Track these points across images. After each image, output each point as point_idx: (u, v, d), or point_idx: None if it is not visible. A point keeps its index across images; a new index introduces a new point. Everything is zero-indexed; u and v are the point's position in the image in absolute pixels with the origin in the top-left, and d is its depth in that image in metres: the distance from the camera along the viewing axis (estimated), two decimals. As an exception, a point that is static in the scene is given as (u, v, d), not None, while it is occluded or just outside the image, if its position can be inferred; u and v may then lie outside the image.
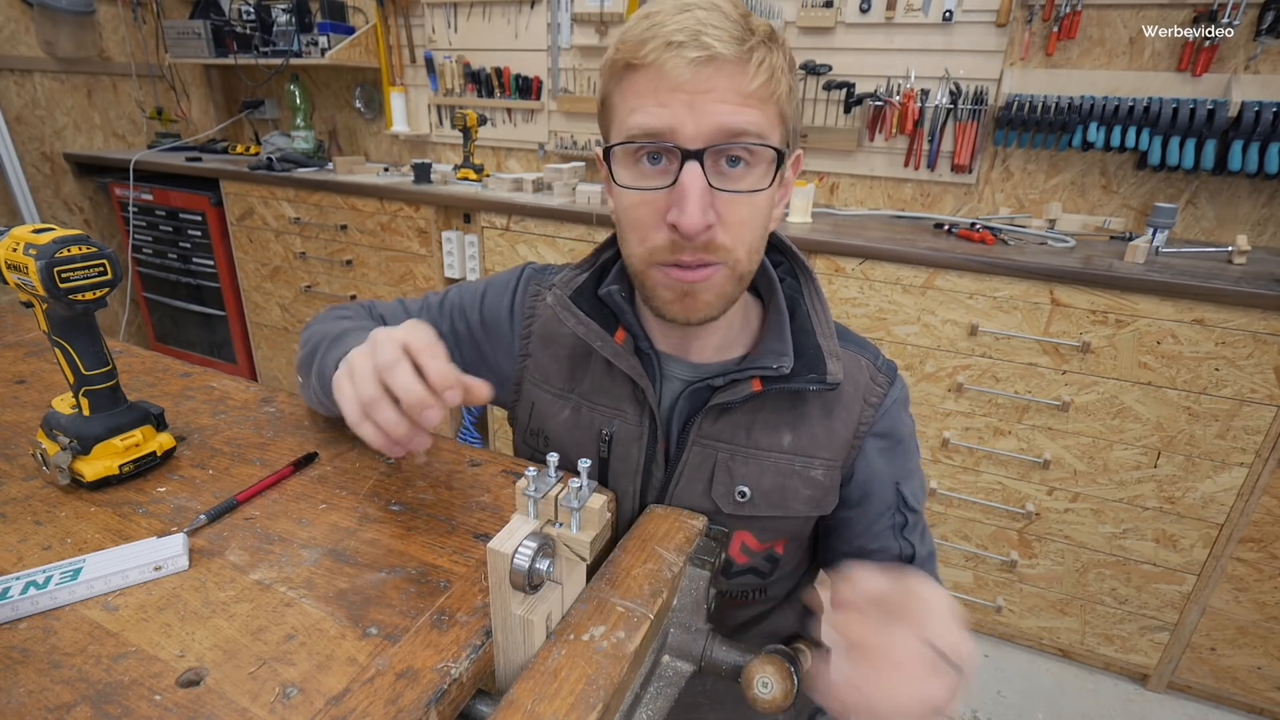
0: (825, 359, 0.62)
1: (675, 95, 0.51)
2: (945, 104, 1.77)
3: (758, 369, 0.61)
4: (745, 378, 0.62)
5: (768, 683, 0.49)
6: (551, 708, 0.39)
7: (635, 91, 0.53)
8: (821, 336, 0.64)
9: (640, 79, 0.53)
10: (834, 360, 0.63)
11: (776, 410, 0.65)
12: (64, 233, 0.55)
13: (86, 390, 0.60)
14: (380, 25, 2.39)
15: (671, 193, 0.53)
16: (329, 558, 0.53)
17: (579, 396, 0.69)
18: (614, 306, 0.65)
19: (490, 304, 0.75)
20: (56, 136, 2.50)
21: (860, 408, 0.66)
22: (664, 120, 0.52)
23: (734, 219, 0.55)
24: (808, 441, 0.65)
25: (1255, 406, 1.26)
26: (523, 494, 0.42)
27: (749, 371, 0.62)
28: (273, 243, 2.30)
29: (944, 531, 1.62)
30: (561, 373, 0.70)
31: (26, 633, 0.45)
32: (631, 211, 0.57)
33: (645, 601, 0.47)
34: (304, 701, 0.40)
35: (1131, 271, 1.28)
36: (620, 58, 0.53)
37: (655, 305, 0.60)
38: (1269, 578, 1.37)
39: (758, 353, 0.64)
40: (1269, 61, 1.51)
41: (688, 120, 0.51)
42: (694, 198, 0.52)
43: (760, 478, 0.65)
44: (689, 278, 0.56)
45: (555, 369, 0.71)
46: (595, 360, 0.68)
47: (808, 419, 0.65)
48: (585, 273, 0.67)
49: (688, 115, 0.51)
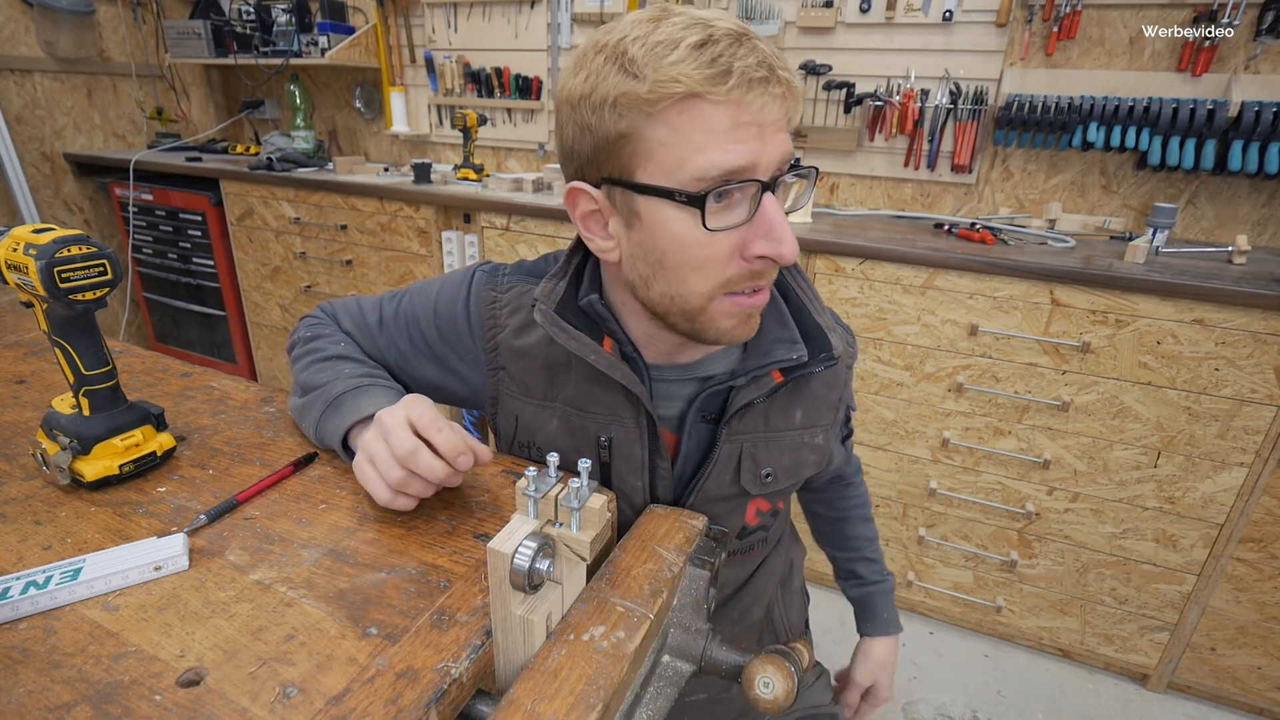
0: (827, 335, 0.64)
1: (749, 129, 0.49)
2: (945, 104, 1.77)
3: (776, 362, 0.63)
4: (765, 373, 0.63)
5: (769, 682, 0.49)
6: (551, 708, 0.39)
7: (705, 128, 0.49)
8: (817, 314, 0.66)
9: (714, 114, 0.49)
10: (834, 334, 0.65)
11: (789, 392, 0.68)
12: (64, 233, 0.55)
13: (86, 390, 0.60)
14: (380, 25, 2.39)
15: (749, 227, 0.53)
16: (329, 558, 0.53)
17: (565, 404, 0.68)
18: (597, 316, 0.64)
19: (444, 316, 0.72)
20: (56, 136, 2.50)
21: (844, 372, 0.72)
22: (745, 157, 0.50)
23: None
24: (813, 413, 0.70)
25: (1255, 406, 1.26)
26: (523, 494, 0.42)
27: (768, 365, 0.63)
28: (273, 243, 2.30)
29: (944, 531, 1.62)
30: (540, 383, 0.68)
31: (27, 633, 0.45)
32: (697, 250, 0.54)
33: (645, 601, 0.47)
34: (304, 701, 0.40)
35: (1131, 271, 1.28)
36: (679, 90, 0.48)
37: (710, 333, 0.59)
38: (1269, 578, 1.37)
39: (766, 344, 0.64)
40: (1269, 61, 1.51)
41: (762, 154, 0.50)
42: (787, 227, 0.52)
43: (780, 458, 0.69)
44: (754, 302, 0.57)
45: (533, 380, 0.69)
46: (576, 367, 0.66)
47: (812, 392, 0.69)
48: (562, 281, 0.65)
49: (762, 149, 0.50)
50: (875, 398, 1.58)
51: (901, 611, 1.78)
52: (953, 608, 1.69)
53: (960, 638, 1.70)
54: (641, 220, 0.55)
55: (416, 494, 0.57)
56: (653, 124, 0.50)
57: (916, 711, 1.51)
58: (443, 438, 0.55)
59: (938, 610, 1.73)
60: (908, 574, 1.70)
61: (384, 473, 0.56)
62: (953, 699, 1.54)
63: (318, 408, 0.66)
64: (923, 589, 1.70)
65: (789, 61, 0.53)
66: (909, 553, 1.69)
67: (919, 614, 1.77)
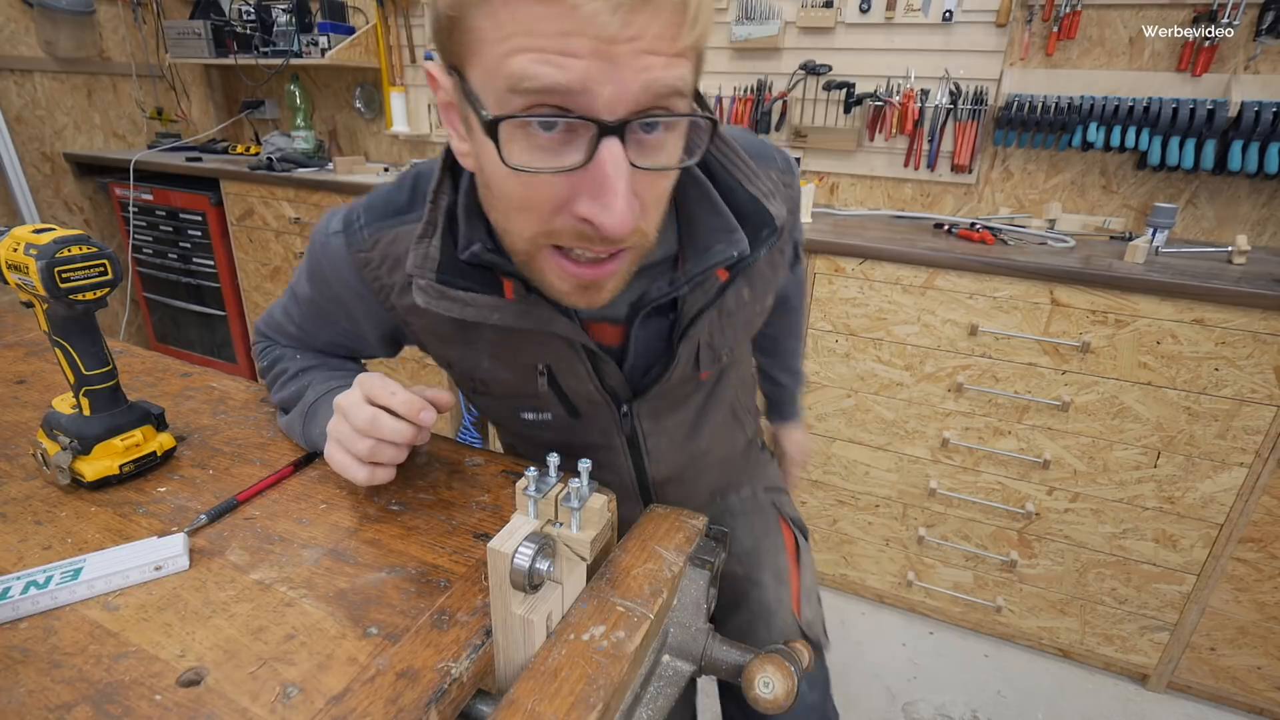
0: (765, 204, 0.57)
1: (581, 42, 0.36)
2: (945, 104, 1.77)
3: (718, 263, 0.56)
4: (708, 276, 0.58)
5: (769, 682, 0.49)
6: (551, 707, 0.39)
7: (524, 24, 0.36)
8: (749, 182, 0.57)
9: (537, 12, 0.36)
10: (771, 200, 0.57)
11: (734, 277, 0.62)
12: (64, 233, 0.55)
13: (87, 390, 0.60)
14: (380, 25, 2.39)
15: (581, 176, 0.41)
16: (329, 557, 0.53)
17: (490, 345, 0.62)
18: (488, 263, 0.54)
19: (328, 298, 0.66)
20: (56, 136, 2.50)
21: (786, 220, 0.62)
22: (572, 78, 0.37)
23: (651, 196, 0.45)
24: (760, 285, 0.66)
25: (1255, 406, 1.26)
26: (523, 494, 0.42)
27: (710, 267, 0.56)
28: (273, 243, 2.30)
29: (944, 531, 1.62)
30: (457, 332, 0.62)
31: (27, 632, 0.45)
32: (518, 189, 0.43)
33: (645, 601, 0.47)
34: (304, 701, 0.40)
35: (1131, 271, 1.28)
36: None
37: (546, 289, 0.50)
38: (1269, 578, 1.37)
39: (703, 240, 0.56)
40: (1269, 61, 1.51)
41: (606, 81, 0.37)
42: (620, 191, 0.40)
43: (735, 334, 0.67)
44: (594, 274, 0.47)
45: (448, 330, 0.62)
46: None
47: (757, 267, 0.64)
48: (433, 239, 0.54)
49: (607, 73, 0.37)
50: (875, 398, 1.58)
51: (901, 611, 1.78)
52: (953, 608, 1.69)
53: (960, 638, 1.70)
54: (472, 129, 0.44)
55: (390, 460, 0.56)
56: (477, 9, 0.38)
57: (916, 711, 1.51)
58: (398, 400, 0.54)
59: (938, 610, 1.73)
60: (908, 574, 1.70)
61: (351, 447, 0.55)
62: (953, 699, 1.54)
63: (299, 420, 0.67)
64: (923, 589, 1.70)
65: None
66: (909, 552, 1.69)
67: (919, 614, 1.77)
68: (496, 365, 0.63)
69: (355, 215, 0.61)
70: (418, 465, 0.68)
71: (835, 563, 1.79)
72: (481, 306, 0.55)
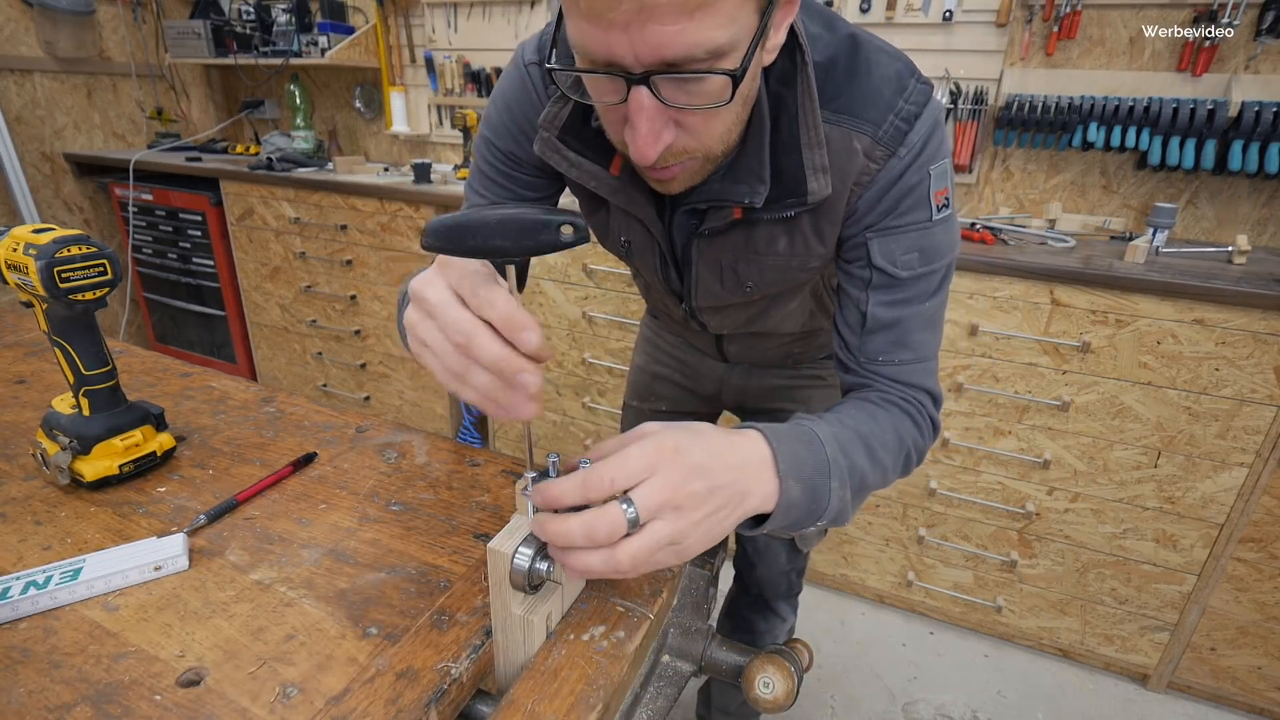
0: (807, 177, 0.57)
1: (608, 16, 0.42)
2: (945, 104, 1.77)
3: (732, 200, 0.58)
4: (724, 205, 0.60)
5: (769, 683, 0.49)
6: (551, 708, 0.39)
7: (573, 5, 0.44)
8: (807, 147, 0.57)
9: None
10: (817, 176, 0.57)
11: (769, 225, 0.64)
12: (64, 233, 0.55)
13: (86, 390, 0.60)
14: (380, 25, 2.39)
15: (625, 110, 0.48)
16: (329, 558, 0.53)
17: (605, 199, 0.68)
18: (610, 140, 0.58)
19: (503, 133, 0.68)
20: (56, 136, 2.50)
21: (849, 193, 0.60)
22: (601, 48, 0.44)
23: (698, 124, 0.50)
24: (801, 247, 0.65)
25: (1255, 406, 1.26)
26: (522, 494, 0.42)
27: (727, 202, 0.59)
28: (273, 243, 2.30)
29: (944, 531, 1.62)
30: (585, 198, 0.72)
31: (27, 633, 0.45)
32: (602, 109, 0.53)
33: (645, 601, 0.47)
34: (304, 701, 0.40)
35: (1131, 271, 1.28)
36: None
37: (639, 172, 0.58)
38: (1269, 578, 1.37)
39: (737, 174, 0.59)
40: (1269, 61, 1.51)
41: (626, 51, 0.44)
42: (644, 128, 0.47)
43: (762, 275, 0.69)
44: (657, 175, 0.55)
45: None
46: None
47: (800, 228, 0.64)
48: (567, 103, 0.60)
49: (624, 44, 0.43)
50: (875, 398, 1.57)
51: (902, 611, 1.78)
52: (953, 608, 1.69)
53: (960, 638, 1.70)
54: None
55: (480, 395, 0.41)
56: None
57: (916, 711, 1.51)
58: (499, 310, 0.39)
59: (938, 610, 1.73)
60: (908, 574, 1.70)
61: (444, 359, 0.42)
62: (953, 699, 1.54)
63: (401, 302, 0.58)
64: (923, 589, 1.70)
65: None
66: (909, 553, 1.68)
67: (919, 614, 1.77)
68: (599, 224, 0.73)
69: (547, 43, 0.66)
70: (418, 465, 0.68)
71: (835, 563, 1.79)
72: (584, 170, 0.62)
